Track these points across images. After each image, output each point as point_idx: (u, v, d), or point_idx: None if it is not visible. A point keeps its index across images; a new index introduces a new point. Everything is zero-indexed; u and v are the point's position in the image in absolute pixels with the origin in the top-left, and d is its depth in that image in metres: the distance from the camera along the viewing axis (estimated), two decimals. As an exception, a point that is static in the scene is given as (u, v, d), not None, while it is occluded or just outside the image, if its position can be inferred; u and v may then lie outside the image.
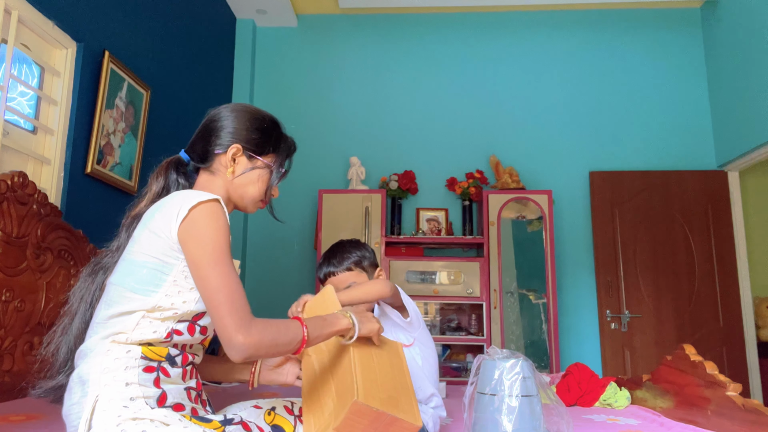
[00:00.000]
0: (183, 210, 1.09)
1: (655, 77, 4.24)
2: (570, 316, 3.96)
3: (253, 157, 1.27)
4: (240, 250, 4.09)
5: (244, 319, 1.03)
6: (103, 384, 1.03)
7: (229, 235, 1.12)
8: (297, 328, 1.09)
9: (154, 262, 1.09)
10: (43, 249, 1.92)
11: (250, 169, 1.27)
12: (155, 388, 1.05)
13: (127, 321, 1.08)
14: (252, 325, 1.03)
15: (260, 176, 1.28)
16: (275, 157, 1.30)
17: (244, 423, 1.08)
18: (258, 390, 2.16)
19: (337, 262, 1.65)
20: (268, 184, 1.30)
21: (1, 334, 1.73)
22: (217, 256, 1.07)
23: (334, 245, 1.72)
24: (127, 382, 1.04)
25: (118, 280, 1.11)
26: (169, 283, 1.09)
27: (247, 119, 1.28)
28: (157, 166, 1.29)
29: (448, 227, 4.00)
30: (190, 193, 1.14)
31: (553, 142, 4.19)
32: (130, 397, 1.02)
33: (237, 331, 1.01)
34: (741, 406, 1.44)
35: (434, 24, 4.43)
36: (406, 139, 4.26)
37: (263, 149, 1.28)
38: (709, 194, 3.96)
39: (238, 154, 1.25)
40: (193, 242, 1.08)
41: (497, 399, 1.22)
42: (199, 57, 3.78)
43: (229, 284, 1.06)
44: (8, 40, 2.07)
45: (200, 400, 1.16)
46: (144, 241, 1.11)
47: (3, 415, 1.52)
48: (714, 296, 3.85)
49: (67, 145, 2.40)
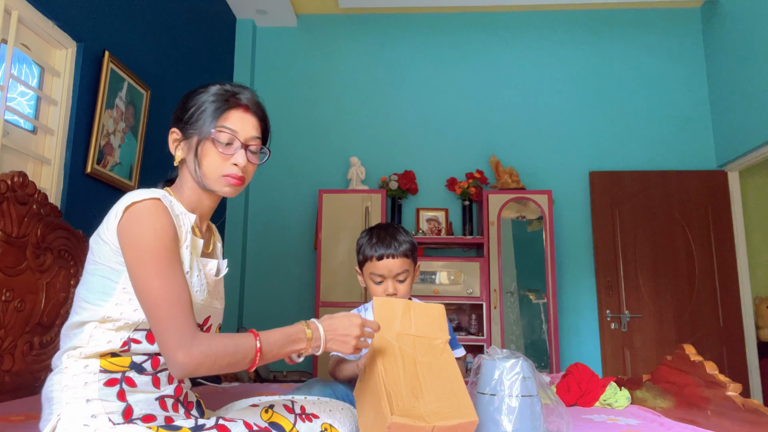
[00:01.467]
0: (119, 211, 1.03)
1: (655, 77, 4.24)
2: (570, 316, 3.96)
3: (190, 133, 1.15)
4: (240, 250, 4.08)
5: (185, 337, 0.96)
6: (64, 402, 1.00)
7: (172, 238, 1.03)
8: (248, 344, 1.01)
9: (102, 268, 1.05)
10: (43, 249, 1.92)
11: (192, 148, 1.15)
12: (119, 401, 1.01)
13: (81, 333, 1.04)
14: (194, 343, 0.96)
15: (204, 152, 1.14)
16: (206, 120, 1.14)
17: (220, 425, 1.03)
18: (258, 390, 2.17)
19: (396, 245, 1.54)
20: (218, 152, 1.13)
21: (1, 334, 1.73)
22: (156, 264, 0.99)
23: (383, 227, 1.61)
24: (87, 398, 1.00)
25: (79, 289, 1.08)
26: (119, 291, 1.03)
27: (183, 97, 1.21)
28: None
29: (448, 227, 4.00)
30: (131, 193, 1.06)
31: (553, 142, 4.19)
32: (92, 414, 0.99)
33: (177, 349, 0.96)
34: (741, 406, 1.44)
35: (434, 24, 4.43)
36: (406, 139, 4.26)
37: (191, 120, 1.15)
38: (709, 194, 3.96)
39: (176, 137, 1.18)
40: (128, 249, 1.01)
41: (497, 399, 1.22)
42: (199, 57, 3.78)
43: (169, 296, 0.98)
44: (8, 40, 2.07)
45: (183, 405, 1.12)
46: (93, 246, 1.07)
47: (3, 415, 1.52)
48: (714, 296, 3.85)
49: (67, 145, 2.40)
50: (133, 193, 1.05)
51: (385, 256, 1.53)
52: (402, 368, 1.16)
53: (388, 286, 1.55)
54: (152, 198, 1.04)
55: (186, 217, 1.14)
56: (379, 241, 1.55)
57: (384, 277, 1.55)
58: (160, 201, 1.05)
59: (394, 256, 1.53)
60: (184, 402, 1.13)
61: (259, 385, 2.47)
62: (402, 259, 1.54)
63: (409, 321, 1.25)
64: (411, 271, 1.57)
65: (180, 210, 1.14)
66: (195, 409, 1.16)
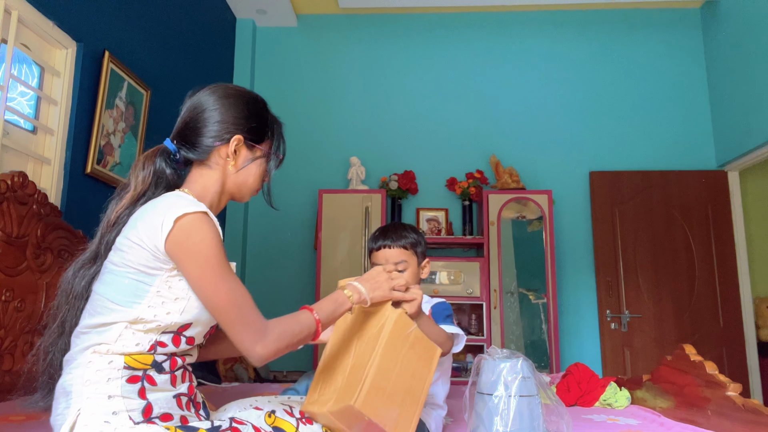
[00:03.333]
0: (167, 221, 1.04)
1: (655, 77, 4.24)
2: (570, 316, 3.96)
3: (254, 146, 1.22)
4: (240, 250, 4.09)
5: (259, 331, 1.04)
6: (85, 397, 1.00)
7: (222, 245, 1.09)
8: (308, 319, 1.11)
9: (135, 272, 1.05)
10: (43, 249, 1.92)
11: (252, 160, 1.22)
12: (140, 399, 1.02)
13: (109, 332, 1.04)
14: (267, 334, 1.04)
15: (260, 167, 1.24)
16: (272, 143, 1.27)
17: (233, 428, 1.05)
18: (257, 389, 2.17)
19: (395, 237, 1.61)
20: (265, 172, 1.26)
21: (1, 334, 1.73)
22: (218, 270, 1.05)
23: (393, 223, 1.70)
24: (109, 394, 1.00)
25: (102, 289, 1.07)
26: (152, 294, 1.05)
27: (242, 105, 1.22)
28: (138, 159, 1.20)
29: (448, 227, 4.00)
30: (174, 201, 1.08)
31: (553, 142, 4.19)
32: (113, 411, 0.99)
33: (254, 344, 1.03)
34: (741, 406, 1.44)
35: (434, 24, 4.43)
36: (406, 139, 4.26)
37: (262, 136, 1.24)
38: (709, 194, 3.96)
39: (239, 145, 1.20)
40: (189, 260, 1.04)
41: (497, 399, 1.22)
42: (199, 57, 3.78)
43: (236, 298, 1.05)
44: (8, 40, 2.07)
45: (193, 405, 1.13)
46: (126, 250, 1.06)
47: (3, 415, 1.52)
48: (714, 296, 3.84)
49: (67, 145, 2.40)
50: (177, 203, 1.07)
51: (383, 246, 1.60)
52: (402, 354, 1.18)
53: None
54: (201, 212, 1.07)
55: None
56: (381, 234, 1.63)
57: (389, 263, 1.59)
58: (207, 215, 1.08)
59: (390, 246, 1.59)
60: (194, 401, 1.15)
61: (259, 385, 2.48)
62: (399, 249, 1.59)
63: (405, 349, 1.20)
64: (411, 262, 1.60)
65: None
66: (202, 409, 1.17)
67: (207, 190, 1.20)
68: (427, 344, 1.26)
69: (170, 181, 1.21)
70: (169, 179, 1.20)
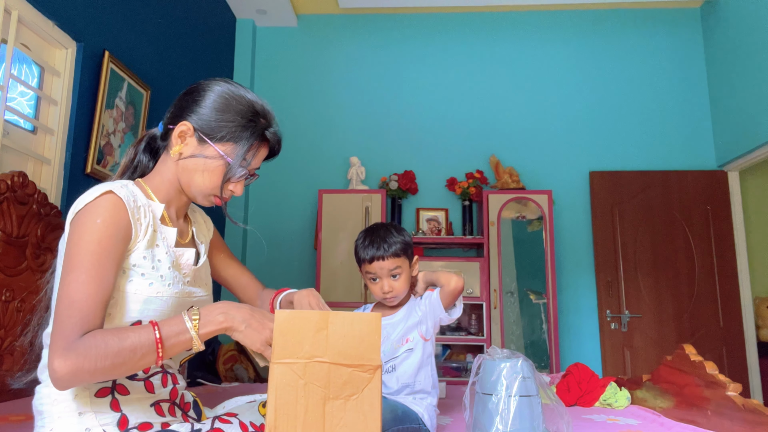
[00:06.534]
0: (77, 208, 0.97)
1: (655, 77, 4.24)
2: (570, 316, 3.96)
3: (204, 141, 1.08)
4: (240, 250, 4.09)
5: (65, 338, 0.86)
6: (56, 416, 0.96)
7: (108, 235, 0.94)
8: (143, 336, 0.90)
9: None
10: (43, 249, 1.92)
11: (199, 155, 1.08)
12: (113, 412, 0.97)
13: None
14: (74, 347, 0.85)
15: (208, 166, 1.08)
16: (234, 148, 1.08)
17: (216, 429, 1.00)
18: (258, 389, 2.17)
19: (386, 247, 1.59)
20: (222, 178, 1.08)
21: (1, 334, 1.73)
22: (77, 261, 0.91)
23: (376, 228, 1.66)
24: (79, 411, 0.95)
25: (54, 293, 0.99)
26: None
27: (216, 96, 1.09)
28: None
29: (448, 227, 4.00)
30: (94, 188, 0.99)
31: (553, 142, 4.19)
32: (86, 428, 0.95)
33: (54, 357, 0.85)
34: (741, 406, 1.44)
35: (434, 24, 4.43)
36: (406, 139, 4.26)
37: (218, 135, 1.07)
38: (709, 194, 3.96)
39: (188, 133, 1.08)
40: (68, 243, 0.95)
41: (497, 399, 1.22)
42: (199, 57, 3.78)
43: (70, 294, 0.89)
44: (8, 40, 2.07)
45: (179, 408, 1.09)
46: (61, 244, 1.01)
47: (3, 415, 1.52)
48: (714, 296, 3.84)
49: (67, 145, 2.40)
50: (94, 189, 0.98)
51: (376, 258, 1.59)
52: (303, 415, 0.92)
53: (384, 284, 1.60)
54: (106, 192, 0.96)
55: (149, 209, 1.06)
56: (370, 243, 1.61)
57: (378, 276, 1.61)
58: (114, 193, 0.97)
59: (384, 258, 1.59)
60: (180, 404, 1.11)
61: (259, 385, 2.48)
62: (392, 259, 1.59)
63: (325, 341, 0.94)
64: (405, 266, 1.62)
65: (143, 201, 1.05)
66: (192, 410, 1.14)
67: (161, 177, 1.12)
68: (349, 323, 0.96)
69: (144, 169, 1.15)
70: (144, 168, 1.15)
